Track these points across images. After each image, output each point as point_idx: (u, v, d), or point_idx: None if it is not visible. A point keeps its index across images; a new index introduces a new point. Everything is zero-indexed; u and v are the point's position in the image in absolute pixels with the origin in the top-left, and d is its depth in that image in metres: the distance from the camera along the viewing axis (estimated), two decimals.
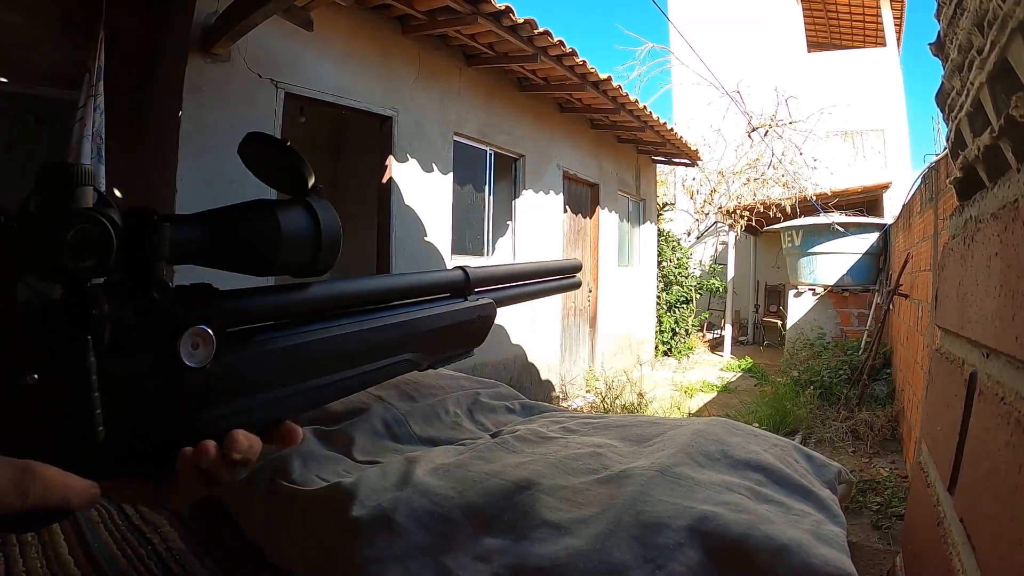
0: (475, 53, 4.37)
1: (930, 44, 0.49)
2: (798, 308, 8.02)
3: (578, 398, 5.91)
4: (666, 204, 10.26)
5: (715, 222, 10.46)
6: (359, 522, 0.45)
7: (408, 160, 4.02)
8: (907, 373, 4.43)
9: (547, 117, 5.52)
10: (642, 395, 5.78)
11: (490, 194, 5.01)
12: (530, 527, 0.44)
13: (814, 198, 8.43)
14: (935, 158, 4.11)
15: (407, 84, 4.00)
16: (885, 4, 11.64)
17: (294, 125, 3.88)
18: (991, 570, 0.27)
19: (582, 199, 6.40)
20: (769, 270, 10.81)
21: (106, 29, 2.62)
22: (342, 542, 0.45)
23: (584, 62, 4.33)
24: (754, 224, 9.35)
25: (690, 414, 5.60)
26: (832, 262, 7.54)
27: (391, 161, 3.91)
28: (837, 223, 7.39)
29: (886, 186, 8.86)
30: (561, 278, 0.88)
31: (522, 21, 3.60)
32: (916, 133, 17.65)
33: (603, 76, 4.64)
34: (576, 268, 0.92)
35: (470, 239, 4.79)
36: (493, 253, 5.07)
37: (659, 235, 8.95)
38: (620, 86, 4.94)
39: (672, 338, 9.03)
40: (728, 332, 9.63)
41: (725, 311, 10.02)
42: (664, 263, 9.22)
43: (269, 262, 0.48)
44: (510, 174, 5.26)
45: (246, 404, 0.48)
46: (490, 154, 4.96)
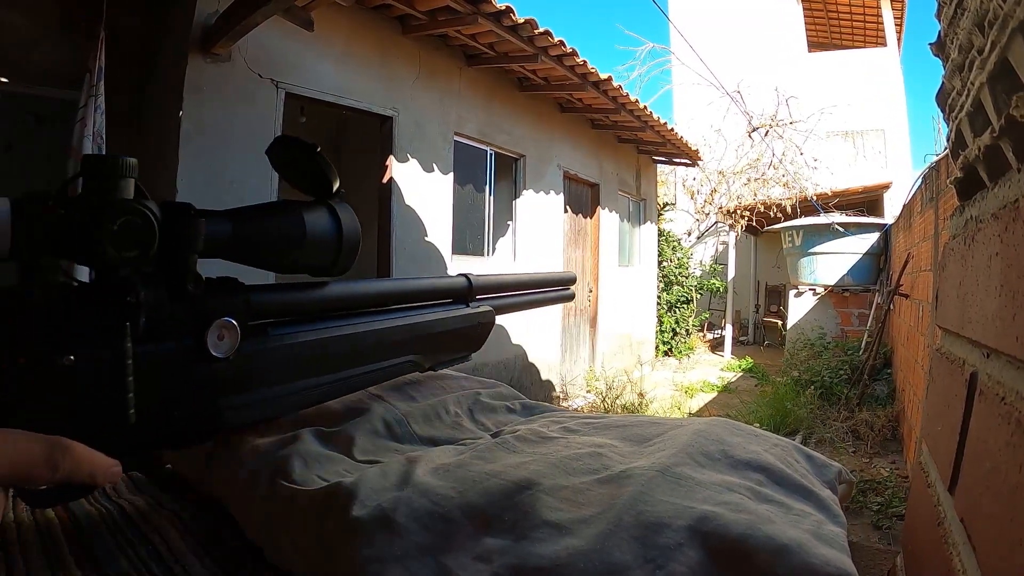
0: (475, 53, 4.37)
1: (930, 44, 0.49)
2: (798, 308, 8.02)
3: (578, 398, 5.91)
4: (667, 204, 10.26)
5: (715, 222, 10.47)
6: (359, 522, 0.45)
7: (408, 160, 4.02)
8: (907, 373, 4.43)
9: (547, 117, 5.52)
10: (642, 395, 5.78)
11: (490, 194, 5.01)
12: (530, 527, 0.44)
13: (814, 198, 8.43)
14: (935, 158, 4.11)
15: (407, 84, 4.01)
16: (885, 4, 11.63)
17: (294, 125, 3.89)
18: (991, 570, 0.27)
19: (583, 199, 6.40)
20: (770, 270, 10.81)
21: (106, 29, 2.62)
22: (342, 542, 0.45)
23: (584, 62, 4.33)
24: (754, 224, 9.35)
25: (690, 414, 5.60)
26: (832, 262, 7.54)
27: (391, 161, 3.91)
28: (837, 223, 7.39)
29: (886, 186, 8.85)
30: (556, 290, 0.92)
31: (522, 21, 3.61)
32: (916, 133, 17.65)
33: (603, 76, 4.64)
34: (571, 281, 0.96)
35: (470, 239, 4.79)
36: (493, 253, 5.07)
37: (660, 235, 8.95)
38: (620, 86, 4.94)
39: (672, 338, 9.03)
40: (728, 332, 9.63)
41: (725, 311, 10.02)
42: (664, 263, 9.22)
43: (293, 260, 0.50)
44: (510, 174, 5.26)
45: (262, 396, 0.50)
46: (490, 154, 4.96)
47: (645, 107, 5.51)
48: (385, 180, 3.93)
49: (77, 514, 0.55)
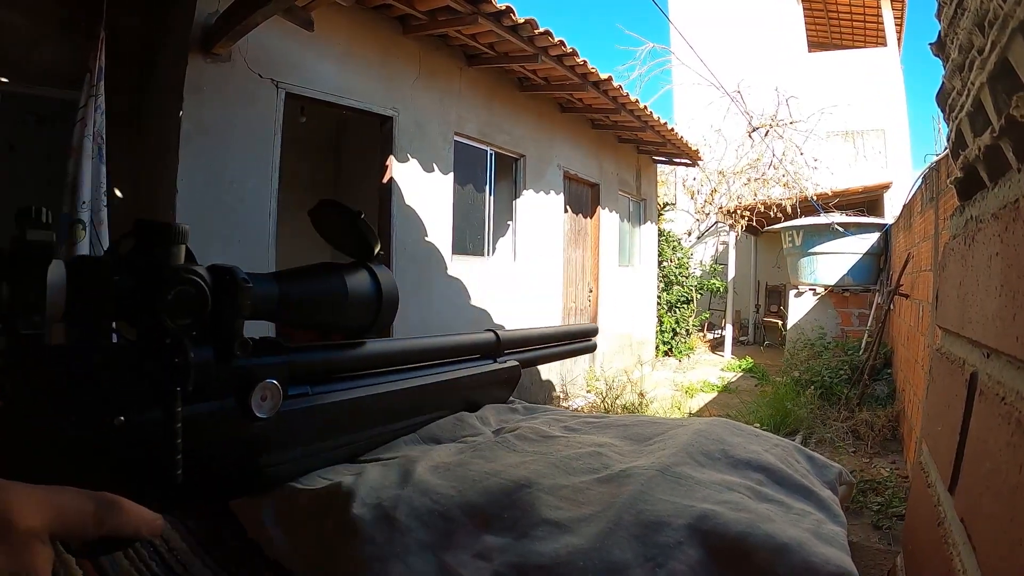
0: (476, 53, 4.37)
1: (931, 44, 0.49)
2: (799, 308, 8.02)
3: (579, 398, 5.91)
4: (667, 204, 10.26)
5: (716, 222, 10.47)
6: (360, 520, 0.45)
7: (409, 160, 4.02)
8: (908, 373, 4.43)
9: (548, 117, 5.52)
10: (643, 395, 5.78)
11: (490, 194, 5.01)
12: (530, 525, 0.44)
13: (815, 198, 8.42)
14: (936, 158, 4.11)
15: (408, 84, 4.01)
16: (886, 4, 11.63)
17: (294, 125, 3.88)
18: (992, 570, 0.27)
19: (583, 199, 6.40)
20: (770, 270, 10.81)
21: (106, 29, 2.62)
22: (343, 540, 0.45)
23: (585, 62, 4.32)
24: (755, 224, 9.35)
25: (691, 414, 5.60)
26: (833, 262, 7.54)
27: (392, 161, 3.91)
28: (837, 223, 7.39)
29: (887, 186, 8.85)
30: (580, 341, 0.95)
31: (523, 21, 3.60)
32: (917, 133, 17.62)
33: (604, 76, 4.64)
34: (593, 332, 1.00)
35: (470, 239, 4.79)
36: (493, 253, 5.07)
37: (660, 235, 8.95)
38: (621, 86, 4.94)
39: (673, 338, 9.03)
40: (729, 332, 9.63)
41: (726, 311, 10.02)
42: (665, 263, 9.22)
43: (335, 321, 0.53)
44: (511, 174, 5.26)
45: (300, 454, 0.52)
46: (491, 154, 4.96)
47: (645, 107, 5.51)
48: (385, 180, 3.93)
49: None
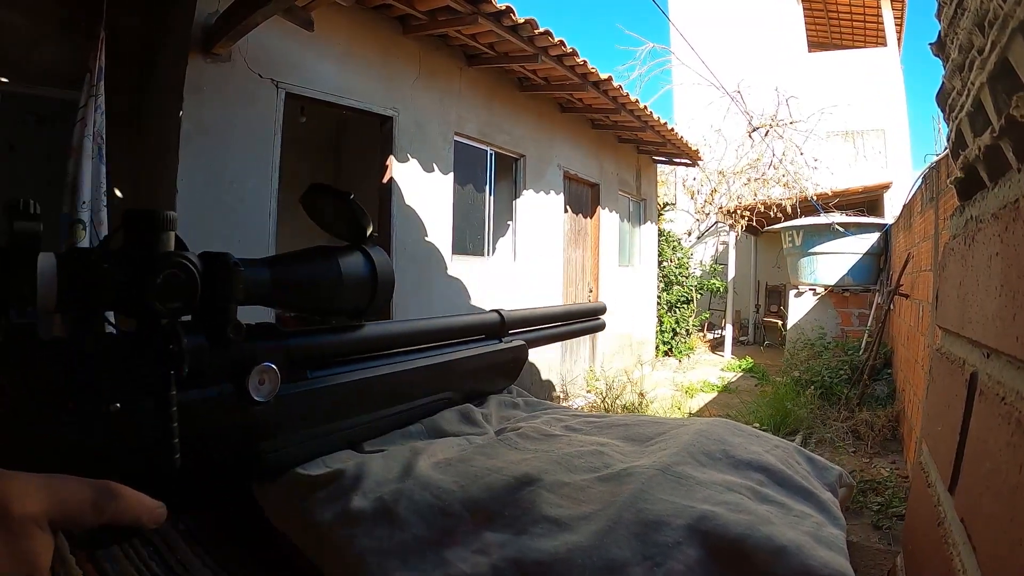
0: (476, 53, 4.37)
1: (931, 44, 0.49)
2: (799, 308, 8.02)
3: (579, 398, 5.91)
4: (667, 204, 10.26)
5: (716, 222, 10.46)
6: (360, 513, 0.45)
7: (409, 160, 4.02)
8: (908, 373, 4.43)
9: (548, 117, 5.52)
10: (643, 395, 5.78)
11: (491, 194, 5.01)
12: (530, 522, 0.44)
13: (814, 198, 8.42)
14: (936, 158, 4.11)
15: (408, 84, 4.00)
16: (886, 4, 11.63)
17: (294, 125, 3.88)
18: (992, 570, 0.27)
19: (583, 199, 6.40)
20: (770, 270, 10.81)
21: (106, 29, 2.62)
22: (342, 533, 0.45)
23: (585, 62, 4.32)
24: (755, 224, 9.34)
25: (691, 414, 5.60)
26: (833, 262, 7.54)
27: (392, 161, 3.91)
28: (837, 223, 7.39)
29: (887, 186, 8.85)
30: (587, 320, 0.94)
31: (523, 21, 3.60)
32: (917, 133, 17.61)
33: (604, 76, 4.64)
34: (601, 310, 0.99)
35: (470, 239, 4.79)
36: (494, 253, 5.07)
37: (660, 235, 8.94)
38: (621, 86, 4.94)
39: (673, 338, 9.03)
40: (729, 332, 9.63)
41: (726, 311, 10.02)
42: (665, 263, 9.22)
43: (330, 304, 0.52)
44: (511, 174, 5.26)
45: (301, 438, 0.52)
46: (491, 154, 4.96)
47: (645, 107, 5.51)
48: (385, 180, 3.93)
49: None
